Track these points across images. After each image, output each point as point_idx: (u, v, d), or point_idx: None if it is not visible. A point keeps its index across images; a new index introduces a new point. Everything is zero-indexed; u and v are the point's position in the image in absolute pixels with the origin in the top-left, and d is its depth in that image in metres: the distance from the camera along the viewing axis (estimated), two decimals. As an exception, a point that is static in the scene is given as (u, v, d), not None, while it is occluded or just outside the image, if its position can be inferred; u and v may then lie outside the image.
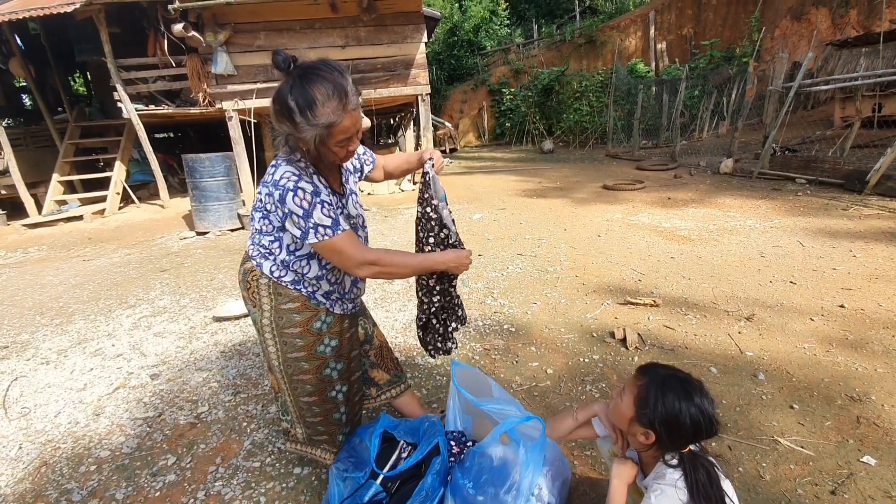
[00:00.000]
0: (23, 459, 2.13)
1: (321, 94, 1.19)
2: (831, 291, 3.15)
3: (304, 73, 1.20)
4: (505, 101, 15.85)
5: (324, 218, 1.28)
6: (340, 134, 1.26)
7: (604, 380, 2.38)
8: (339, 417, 1.64)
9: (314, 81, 1.19)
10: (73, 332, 3.46)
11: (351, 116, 1.25)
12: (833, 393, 2.15)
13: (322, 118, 1.20)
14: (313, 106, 1.19)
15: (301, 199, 1.26)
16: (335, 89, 1.20)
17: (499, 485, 1.30)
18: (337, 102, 1.21)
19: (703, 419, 1.14)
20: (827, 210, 5.04)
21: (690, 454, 1.18)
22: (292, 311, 1.45)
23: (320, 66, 1.22)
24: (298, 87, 1.19)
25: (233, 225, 6.49)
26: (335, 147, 1.29)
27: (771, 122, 7.03)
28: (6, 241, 6.78)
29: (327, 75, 1.20)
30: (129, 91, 7.10)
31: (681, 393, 1.16)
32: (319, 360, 1.52)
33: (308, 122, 1.20)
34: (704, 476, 1.13)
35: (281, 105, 1.22)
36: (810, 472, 1.73)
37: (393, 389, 1.88)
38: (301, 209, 1.26)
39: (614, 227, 5.08)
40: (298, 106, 1.19)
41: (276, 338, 1.48)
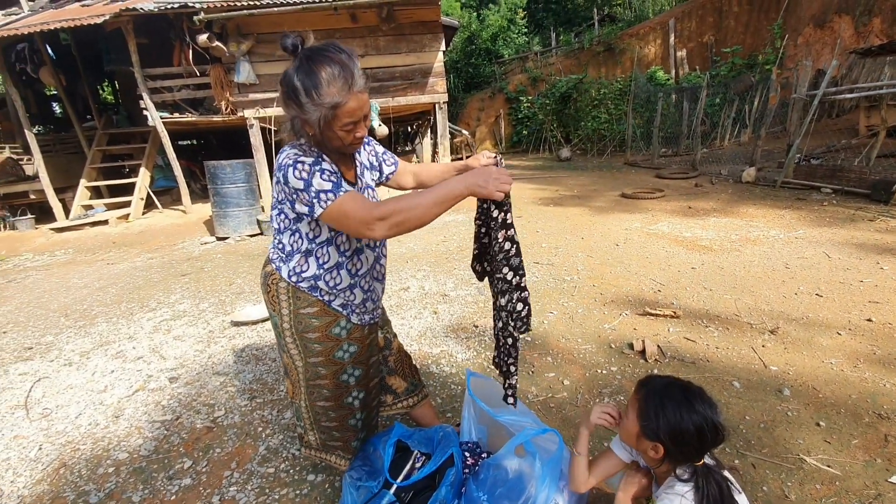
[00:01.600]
0: (42, 460, 2.17)
1: (327, 74, 1.18)
2: (858, 305, 3.05)
3: (310, 55, 1.20)
4: (522, 109, 15.84)
5: (323, 183, 1.24)
6: (346, 116, 1.23)
7: (622, 392, 2.33)
8: (354, 423, 1.63)
9: (320, 62, 1.18)
10: (95, 335, 3.54)
11: (357, 98, 1.22)
12: (860, 410, 2.07)
13: (327, 98, 1.19)
14: (319, 86, 1.18)
15: (300, 171, 1.24)
16: (341, 70, 1.19)
17: (514, 498, 1.28)
18: (342, 83, 1.19)
19: (707, 425, 1.11)
20: (853, 220, 4.89)
21: (705, 468, 1.15)
22: (311, 316, 1.45)
23: (328, 48, 1.21)
24: (305, 68, 1.19)
25: (252, 231, 6.59)
26: (340, 131, 1.26)
27: (795, 130, 6.89)
28: (34, 245, 6.99)
29: (334, 56, 1.20)
30: (154, 99, 7.28)
31: (680, 401, 1.13)
32: (337, 365, 1.52)
33: (313, 101, 1.19)
34: (716, 490, 1.11)
35: (287, 86, 1.22)
36: (836, 492, 1.66)
37: (410, 398, 1.85)
38: (302, 181, 1.24)
39: (633, 236, 5.01)
40: (304, 86, 1.19)
41: (296, 342, 1.48)
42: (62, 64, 9.24)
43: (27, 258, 6.42)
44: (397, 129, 12.51)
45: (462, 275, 4.18)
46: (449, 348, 2.90)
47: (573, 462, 1.34)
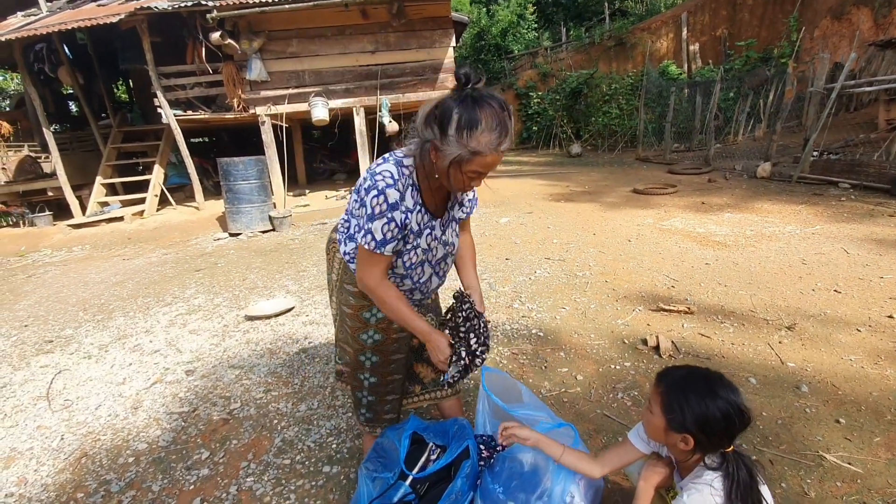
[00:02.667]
0: (64, 450, 2.21)
1: (486, 122, 1.20)
2: (879, 301, 3.00)
3: (479, 97, 1.21)
4: (532, 104, 15.74)
5: (378, 232, 1.30)
6: (478, 166, 1.26)
7: (636, 387, 2.32)
8: (361, 398, 1.72)
9: (485, 109, 1.20)
10: (113, 328, 3.60)
11: (496, 156, 1.26)
12: (882, 407, 2.04)
13: (473, 143, 1.21)
14: (473, 129, 1.20)
15: (377, 203, 1.29)
16: (499, 125, 1.21)
17: (530, 490, 1.28)
18: (494, 138, 1.21)
19: (733, 410, 1.11)
20: (872, 216, 4.80)
21: (735, 453, 1.15)
22: (350, 294, 1.56)
23: (496, 99, 1.23)
24: (469, 106, 1.20)
25: (264, 227, 6.64)
26: (465, 175, 1.29)
27: (812, 124, 6.77)
28: (52, 241, 7.11)
29: (497, 110, 1.21)
30: (168, 97, 7.36)
31: (703, 390, 1.13)
32: (359, 344, 1.61)
33: (459, 140, 1.21)
34: (746, 475, 1.11)
35: (443, 113, 1.23)
36: (858, 489, 1.64)
37: (439, 391, 1.85)
38: (371, 209, 1.29)
39: (645, 231, 4.97)
40: (459, 122, 1.20)
41: (338, 304, 1.64)
42: (79, 63, 9.37)
43: (46, 254, 6.54)
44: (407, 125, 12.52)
45: (474, 270, 4.17)
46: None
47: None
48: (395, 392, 1.76)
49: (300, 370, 2.75)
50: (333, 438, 2.14)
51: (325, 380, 2.63)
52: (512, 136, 1.26)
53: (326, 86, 7.55)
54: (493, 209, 6.69)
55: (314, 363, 2.82)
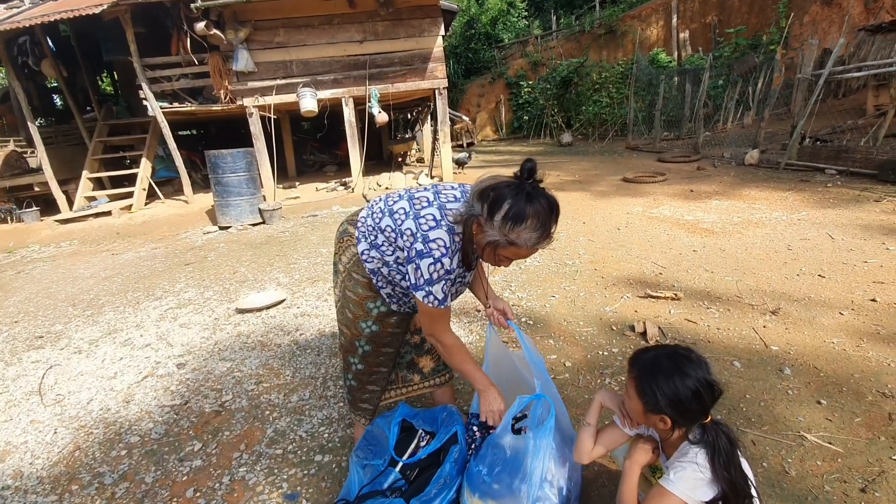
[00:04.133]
0: (57, 444, 2.22)
1: (532, 221, 1.24)
2: (862, 285, 3.06)
3: (534, 195, 1.25)
4: (523, 94, 15.70)
5: (440, 292, 1.38)
6: (512, 255, 1.33)
7: (623, 372, 2.35)
8: (350, 380, 1.79)
9: (537, 208, 1.24)
10: (103, 323, 3.58)
11: (531, 252, 1.32)
12: (863, 389, 2.09)
13: (513, 235, 1.26)
14: (517, 223, 1.24)
15: (435, 270, 1.35)
16: (542, 227, 1.26)
17: (513, 473, 1.31)
18: (536, 236, 1.26)
19: (702, 386, 1.14)
20: (858, 201, 4.87)
21: (713, 423, 1.18)
22: (358, 284, 1.60)
23: (549, 199, 1.27)
24: (522, 200, 1.24)
25: (254, 220, 6.60)
26: (497, 257, 1.35)
27: (799, 111, 6.82)
28: (40, 237, 7.03)
29: (545, 211, 1.26)
30: (153, 89, 7.25)
31: (671, 370, 1.16)
32: (357, 331, 1.66)
33: (502, 227, 1.26)
34: (726, 442, 1.14)
35: (496, 197, 1.27)
36: (839, 468, 1.69)
37: (438, 378, 1.89)
38: (429, 275, 1.35)
39: (635, 219, 5.00)
40: (507, 213, 1.24)
41: (342, 290, 1.66)
42: (62, 56, 9.19)
43: (34, 250, 6.47)
44: (397, 116, 12.44)
45: (465, 260, 4.19)
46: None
47: (581, 432, 1.37)
48: (378, 384, 1.79)
49: (292, 361, 2.77)
50: (325, 428, 2.16)
51: (317, 370, 2.64)
52: (552, 237, 1.31)
53: (315, 76, 7.47)
54: (485, 199, 6.69)
55: (305, 354, 2.83)
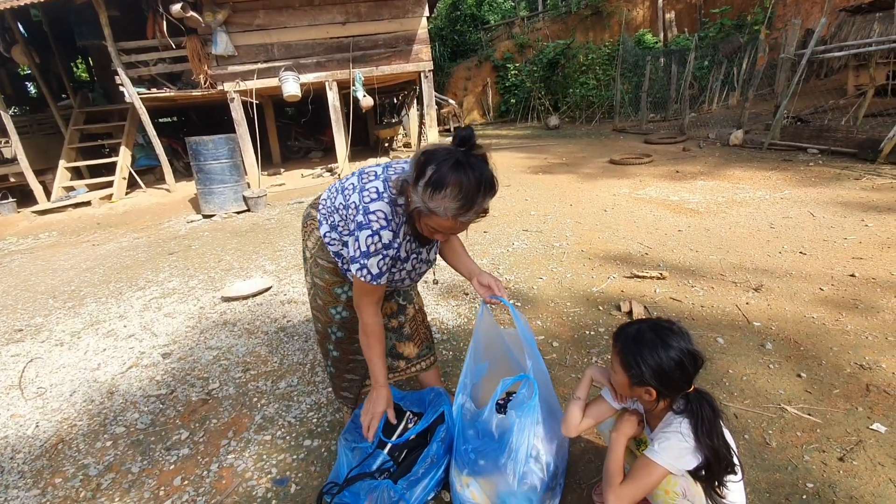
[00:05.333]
0: (39, 437, 2.19)
1: (451, 189, 1.19)
2: (842, 261, 3.11)
3: (464, 162, 1.20)
4: (510, 76, 15.56)
5: (375, 267, 1.35)
6: (435, 225, 1.28)
7: (609, 351, 2.37)
8: (329, 367, 1.80)
9: (461, 176, 1.19)
10: (85, 315, 3.52)
11: (456, 224, 1.26)
12: (842, 361, 2.14)
13: (432, 203, 1.22)
14: (437, 189, 1.20)
15: (372, 243, 1.32)
16: (464, 198, 1.20)
17: (499, 451, 1.32)
18: (455, 206, 1.21)
19: (685, 356, 1.16)
20: (839, 180, 4.94)
21: (696, 392, 1.20)
22: (324, 269, 1.60)
23: (480, 172, 1.22)
24: (447, 167, 1.20)
25: (238, 207, 6.50)
26: (422, 226, 1.32)
27: (782, 91, 6.86)
28: (17, 228, 6.86)
29: (472, 183, 1.20)
30: (130, 75, 7.05)
31: (654, 343, 1.17)
32: (328, 317, 1.67)
33: (423, 194, 1.22)
34: (709, 410, 1.17)
35: (425, 161, 1.23)
36: (817, 438, 1.73)
37: (423, 362, 1.88)
38: (365, 248, 1.32)
39: (621, 201, 5.02)
40: (429, 178, 1.21)
41: (311, 277, 1.65)
42: (34, 41, 8.87)
43: (11, 242, 6.31)
44: (382, 100, 12.29)
45: (452, 244, 4.18)
46: (440, 315, 2.92)
47: (569, 405, 1.38)
48: (356, 373, 1.79)
49: (279, 348, 2.75)
50: (314, 413, 2.15)
51: (305, 357, 2.63)
52: (478, 211, 1.26)
53: (297, 59, 7.32)
54: (472, 183, 6.66)
55: (293, 341, 2.82)
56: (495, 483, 1.34)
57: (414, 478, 1.37)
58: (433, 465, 1.37)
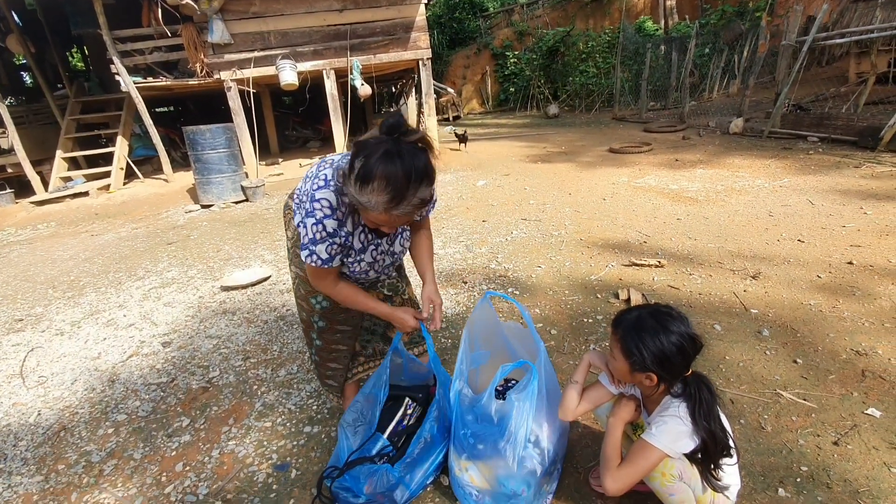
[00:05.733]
0: (42, 425, 2.20)
1: (378, 183, 1.14)
2: (840, 249, 3.12)
3: (388, 153, 1.14)
4: (509, 65, 15.45)
5: (324, 253, 1.34)
6: (374, 220, 1.26)
7: (607, 338, 2.38)
8: (313, 355, 1.79)
9: (389, 168, 1.13)
10: (85, 305, 3.53)
11: (392, 218, 1.23)
12: (838, 348, 2.15)
13: (363, 198, 1.18)
14: (365, 183, 1.15)
15: (318, 231, 1.31)
16: (393, 190, 1.15)
17: (498, 435, 1.33)
18: (385, 200, 1.17)
19: (685, 340, 1.17)
20: (839, 168, 4.93)
21: (693, 376, 1.21)
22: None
23: (412, 163, 1.16)
24: (375, 159, 1.14)
25: (237, 197, 6.48)
26: (365, 219, 1.31)
27: (783, 78, 6.81)
28: (15, 219, 6.84)
29: (401, 176, 1.14)
30: (126, 63, 6.98)
31: (655, 329, 1.18)
32: (310, 306, 1.66)
33: (354, 187, 1.18)
34: (707, 393, 1.18)
35: (356, 151, 1.18)
36: (812, 423, 1.75)
37: (414, 349, 1.88)
38: (312, 235, 1.32)
39: (620, 190, 5.01)
40: (358, 171, 1.16)
41: (293, 266, 1.64)
42: (29, 31, 8.77)
43: (9, 233, 6.29)
44: (381, 89, 12.21)
45: (450, 233, 4.18)
46: (439, 304, 2.93)
47: (567, 389, 1.39)
48: (339, 362, 1.80)
49: (279, 337, 2.76)
50: (314, 400, 2.17)
51: (304, 345, 2.64)
52: (414, 203, 1.20)
53: (294, 47, 7.25)
54: (471, 172, 6.65)
55: (292, 330, 2.83)
56: (494, 467, 1.36)
57: (408, 459, 1.38)
58: (431, 446, 1.39)
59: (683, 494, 1.21)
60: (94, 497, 1.75)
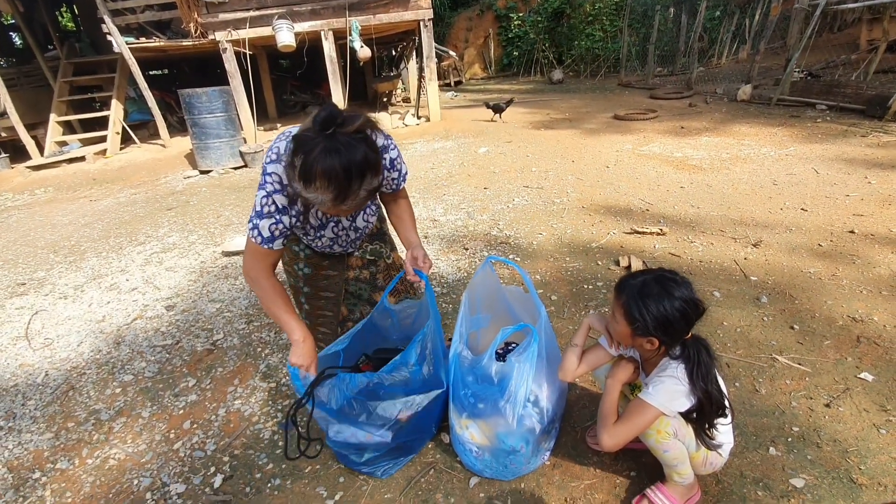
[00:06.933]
0: (49, 385, 2.25)
1: (321, 181, 1.10)
2: (842, 218, 3.11)
3: (326, 150, 1.08)
4: (513, 27, 14.96)
5: (266, 230, 1.30)
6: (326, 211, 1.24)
7: (606, 304, 2.41)
8: (304, 318, 1.79)
9: (325, 164, 1.08)
10: (87, 269, 3.54)
11: (342, 210, 1.20)
12: (835, 314, 2.17)
13: (309, 195, 1.14)
14: (308, 183, 1.11)
15: (265, 204, 1.28)
16: (336, 187, 1.11)
17: (498, 394, 1.36)
18: (330, 197, 1.13)
19: (688, 305, 1.17)
20: (845, 136, 4.85)
21: (693, 338, 1.23)
22: None
23: (350, 157, 1.09)
24: (310, 159, 1.08)
25: (235, 163, 6.41)
26: None
27: (794, 43, 6.62)
28: (12, 184, 6.79)
29: (335, 174, 1.09)
30: (117, 23, 6.76)
31: (658, 293, 1.18)
32: (294, 272, 1.70)
33: (297, 184, 1.13)
34: (706, 355, 1.20)
35: (293, 150, 1.12)
36: (806, 386, 1.78)
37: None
38: (259, 208, 1.29)
39: (624, 157, 4.95)
40: (299, 169, 1.10)
41: None
42: (15, -13, 8.45)
43: (7, 198, 6.26)
44: (380, 52, 11.88)
45: (451, 200, 4.16)
46: (439, 270, 2.94)
47: (567, 351, 1.41)
48: (327, 327, 1.83)
49: (281, 301, 2.78)
50: (317, 362, 2.20)
51: (306, 309, 2.67)
52: (361, 195, 1.15)
53: (290, 7, 7.00)
54: (472, 139, 6.56)
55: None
56: (494, 425, 1.39)
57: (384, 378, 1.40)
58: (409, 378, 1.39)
59: (677, 451, 1.25)
60: (105, 452, 1.81)
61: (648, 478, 1.46)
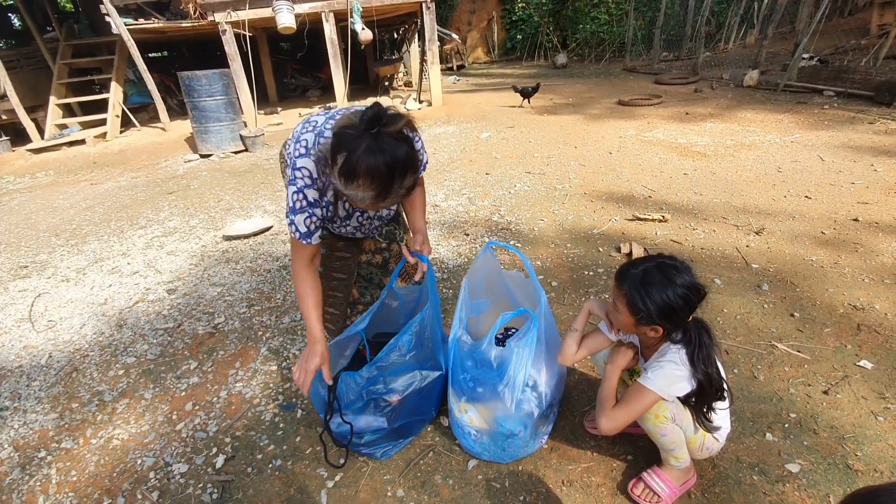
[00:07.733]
0: (53, 367, 2.27)
1: (364, 179, 1.11)
2: (847, 205, 3.08)
3: (370, 149, 1.09)
4: (516, 10, 14.73)
5: (302, 225, 1.33)
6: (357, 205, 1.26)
7: (607, 290, 2.41)
8: None
9: (370, 163, 1.09)
10: (88, 252, 3.55)
11: (376, 207, 1.23)
12: (836, 302, 2.17)
13: (348, 192, 1.16)
14: (350, 180, 1.12)
15: (297, 200, 1.30)
16: (378, 186, 1.12)
17: (497, 379, 1.37)
18: (371, 195, 1.15)
19: (690, 291, 1.17)
20: (852, 123, 4.80)
21: (694, 321, 1.23)
22: None
23: (395, 156, 1.10)
24: (354, 157, 1.09)
25: (236, 147, 6.37)
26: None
27: (804, 27, 6.51)
28: (13, 167, 6.77)
29: (379, 173, 1.10)
30: (115, 3, 6.67)
31: (661, 282, 1.17)
32: None
33: (339, 180, 1.14)
34: (707, 337, 1.20)
35: (335, 145, 1.13)
36: (804, 374, 1.79)
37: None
38: (292, 203, 1.31)
39: (627, 143, 4.91)
40: (342, 167, 1.11)
41: None
42: (11, -34, 8.34)
43: (8, 181, 6.25)
44: (382, 35, 11.73)
45: (453, 186, 4.14)
46: (440, 255, 2.94)
47: (566, 336, 1.42)
48: (336, 308, 1.83)
49: (282, 286, 2.79)
50: (317, 346, 2.21)
51: (307, 294, 2.67)
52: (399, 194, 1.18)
53: (291, -12, 6.89)
54: (475, 124, 6.50)
55: (295, 279, 2.85)
56: (493, 408, 1.40)
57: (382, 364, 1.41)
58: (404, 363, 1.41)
59: (674, 435, 1.26)
60: (109, 433, 1.83)
61: (645, 461, 1.47)
